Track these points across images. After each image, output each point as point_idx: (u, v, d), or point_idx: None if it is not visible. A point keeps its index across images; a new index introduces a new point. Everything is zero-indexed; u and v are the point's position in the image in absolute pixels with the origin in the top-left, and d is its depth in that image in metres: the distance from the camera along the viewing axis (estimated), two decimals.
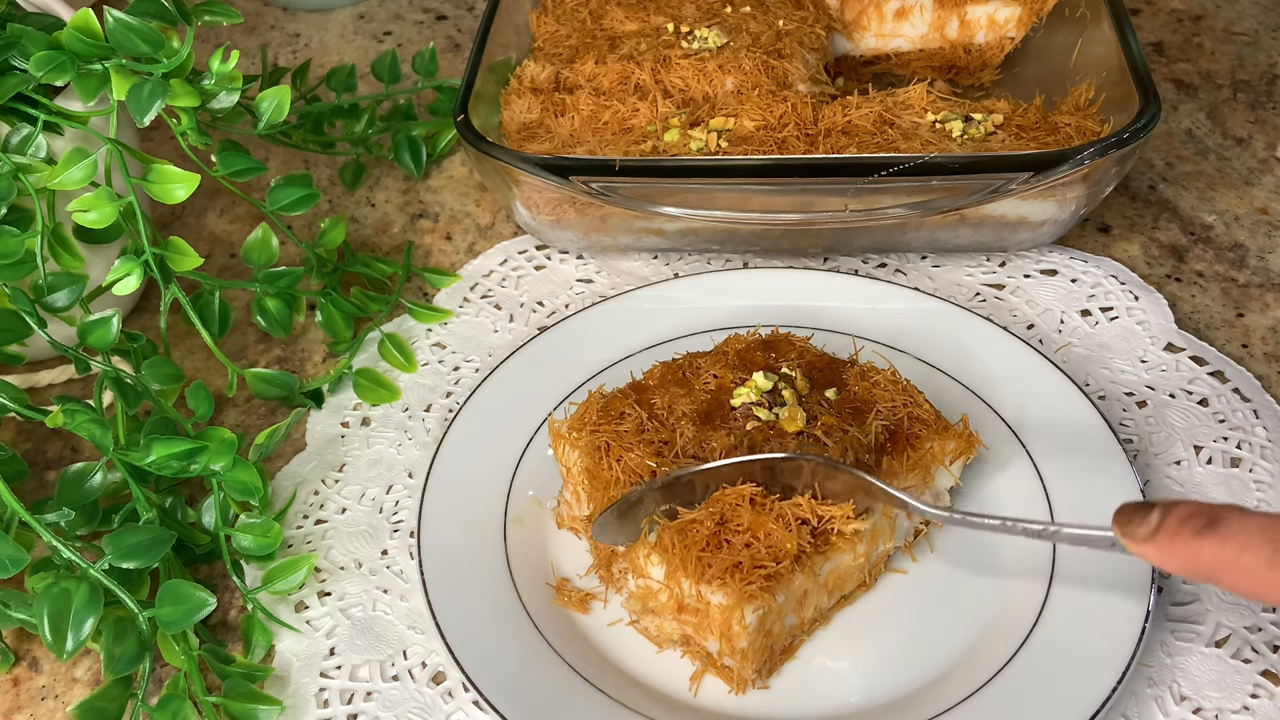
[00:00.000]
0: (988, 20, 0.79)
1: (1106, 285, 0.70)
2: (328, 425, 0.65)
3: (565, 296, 0.72)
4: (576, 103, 0.72)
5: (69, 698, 0.55)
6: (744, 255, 0.73)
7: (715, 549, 0.49)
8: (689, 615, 0.50)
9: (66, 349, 0.57)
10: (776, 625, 0.51)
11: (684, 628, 0.51)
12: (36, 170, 0.57)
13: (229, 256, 0.77)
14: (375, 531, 0.60)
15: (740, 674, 0.51)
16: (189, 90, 0.59)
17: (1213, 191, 0.76)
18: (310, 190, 0.65)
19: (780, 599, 0.50)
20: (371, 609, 0.57)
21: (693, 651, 0.52)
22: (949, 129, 0.68)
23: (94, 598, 0.50)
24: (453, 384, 0.67)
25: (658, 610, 0.52)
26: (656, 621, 0.53)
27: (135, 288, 0.59)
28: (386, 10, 0.98)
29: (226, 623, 0.57)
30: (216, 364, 0.69)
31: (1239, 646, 0.53)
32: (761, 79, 0.71)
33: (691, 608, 0.50)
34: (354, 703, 0.53)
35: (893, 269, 0.72)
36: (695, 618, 0.50)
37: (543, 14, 0.80)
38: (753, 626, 0.49)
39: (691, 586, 0.49)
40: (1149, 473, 0.60)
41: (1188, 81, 0.85)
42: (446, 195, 0.80)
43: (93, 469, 0.55)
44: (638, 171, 0.65)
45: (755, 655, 0.50)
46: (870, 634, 0.54)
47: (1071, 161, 0.62)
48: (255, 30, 0.97)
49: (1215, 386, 0.64)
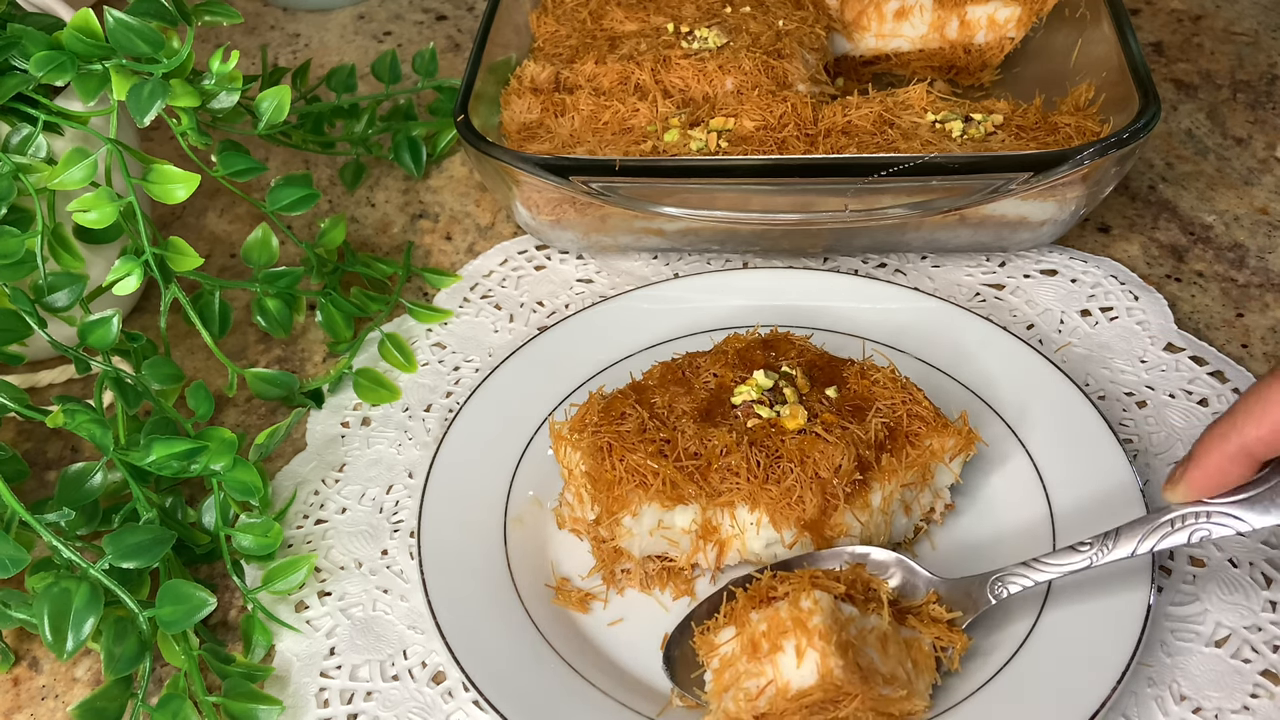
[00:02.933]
0: (988, 20, 0.79)
1: (1106, 285, 0.70)
2: (328, 425, 0.65)
3: (565, 296, 0.72)
4: (576, 103, 0.72)
5: (69, 697, 0.55)
6: (744, 255, 0.73)
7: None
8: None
9: (67, 349, 0.57)
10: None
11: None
12: (37, 170, 0.57)
13: (229, 256, 0.77)
14: (375, 531, 0.60)
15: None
16: (189, 90, 0.59)
17: (1212, 191, 0.76)
18: (310, 190, 0.65)
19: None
20: (372, 609, 0.57)
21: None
22: (949, 129, 0.68)
23: (94, 598, 0.50)
24: (453, 384, 0.67)
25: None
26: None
27: (135, 288, 0.59)
28: (386, 10, 0.98)
29: (227, 623, 0.57)
30: (217, 364, 0.69)
31: (1239, 646, 0.53)
32: (761, 79, 0.71)
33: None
34: (354, 702, 0.53)
35: (893, 269, 0.72)
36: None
37: (543, 14, 0.80)
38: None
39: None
40: (1149, 473, 0.60)
41: (1187, 81, 0.85)
42: (446, 195, 0.80)
43: (93, 469, 0.55)
44: (638, 171, 0.65)
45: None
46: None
47: (1071, 162, 0.62)
48: (255, 30, 0.97)
49: (1215, 386, 0.64)
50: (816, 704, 0.47)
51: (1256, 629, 0.53)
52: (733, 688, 0.48)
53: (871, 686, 0.47)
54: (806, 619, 0.47)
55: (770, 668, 0.48)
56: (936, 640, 0.51)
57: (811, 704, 0.47)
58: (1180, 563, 0.56)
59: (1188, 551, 0.56)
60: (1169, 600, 0.54)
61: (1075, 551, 0.51)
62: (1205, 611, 0.54)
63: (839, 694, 0.47)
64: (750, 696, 0.47)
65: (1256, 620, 0.53)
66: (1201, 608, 0.54)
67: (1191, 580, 0.55)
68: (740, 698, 0.48)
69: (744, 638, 0.49)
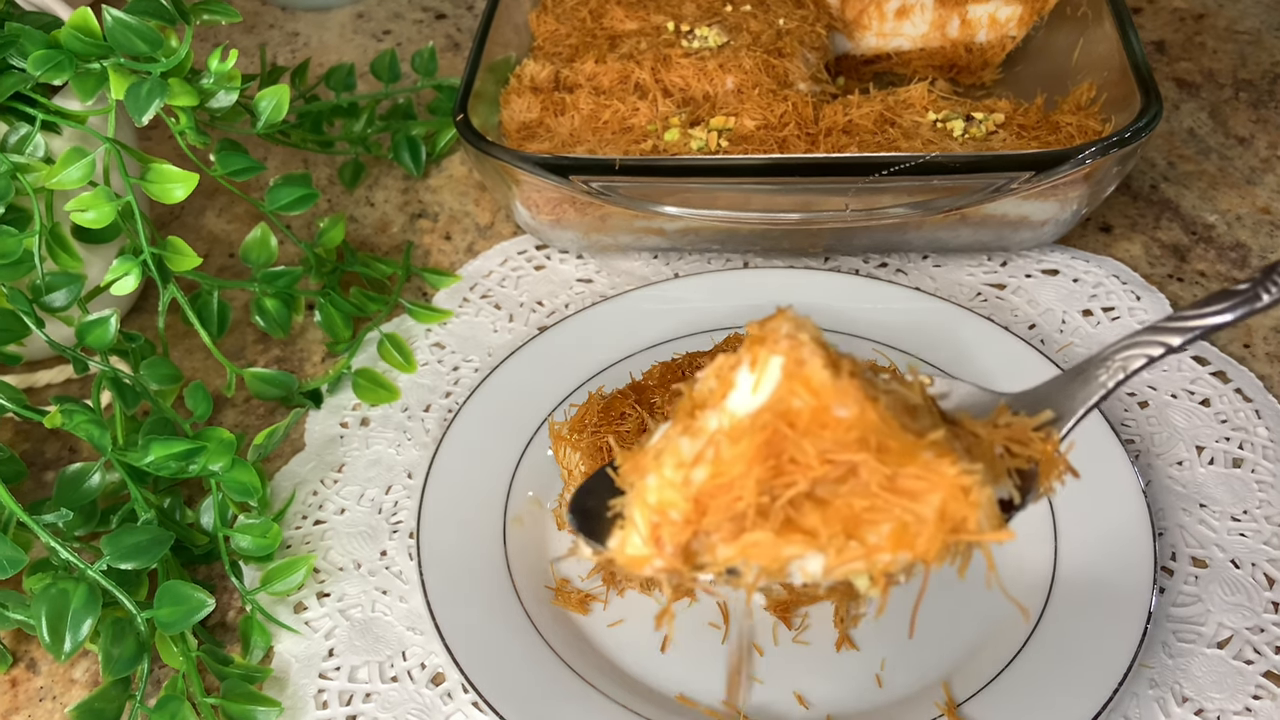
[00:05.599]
0: (989, 19, 0.79)
1: (1108, 285, 0.70)
2: (327, 425, 0.65)
3: (565, 296, 0.72)
4: (576, 102, 0.71)
5: (67, 699, 0.55)
6: (744, 255, 0.73)
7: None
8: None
9: (65, 349, 0.57)
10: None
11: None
12: (34, 170, 0.57)
13: (228, 256, 0.77)
14: (374, 532, 0.60)
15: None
16: (187, 89, 0.59)
17: (1215, 191, 0.76)
18: (309, 190, 0.65)
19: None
20: (370, 610, 0.57)
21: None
22: (950, 128, 0.68)
23: (92, 598, 0.50)
24: (452, 384, 0.67)
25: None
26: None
27: (134, 288, 0.59)
28: (385, 9, 0.98)
29: (225, 624, 0.57)
30: (215, 364, 0.69)
31: (1241, 648, 0.52)
32: (762, 78, 0.71)
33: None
34: (353, 704, 0.53)
35: (894, 269, 0.72)
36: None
37: (542, 13, 0.80)
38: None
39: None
40: (1151, 473, 0.60)
41: (1190, 81, 0.85)
42: (446, 195, 0.80)
43: (91, 469, 0.55)
44: (638, 171, 0.64)
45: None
46: (871, 636, 0.54)
47: (1073, 161, 0.62)
48: (254, 29, 0.97)
49: (1217, 387, 0.63)
50: (788, 448, 0.31)
51: (1259, 630, 0.53)
52: (658, 463, 0.34)
53: (892, 424, 0.32)
54: (773, 335, 0.34)
55: (715, 416, 0.33)
56: (1011, 447, 0.36)
57: (775, 444, 0.31)
58: (1182, 563, 0.56)
59: (1190, 553, 0.56)
60: (1171, 601, 0.54)
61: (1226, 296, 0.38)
62: (1207, 612, 0.54)
63: (830, 420, 0.31)
64: (683, 462, 0.33)
65: (1259, 621, 0.53)
66: (1204, 608, 0.54)
67: (1194, 581, 0.55)
68: (669, 468, 0.33)
69: (682, 413, 0.35)
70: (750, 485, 0.32)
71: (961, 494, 0.32)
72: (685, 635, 0.54)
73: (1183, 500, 0.58)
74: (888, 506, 0.32)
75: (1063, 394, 0.39)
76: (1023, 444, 0.36)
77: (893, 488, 0.32)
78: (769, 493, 0.32)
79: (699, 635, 0.54)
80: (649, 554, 0.34)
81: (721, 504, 0.33)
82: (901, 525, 0.32)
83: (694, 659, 0.53)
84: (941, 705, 0.50)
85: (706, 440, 0.33)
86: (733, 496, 0.32)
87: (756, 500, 0.32)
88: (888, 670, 0.52)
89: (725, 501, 0.33)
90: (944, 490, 0.32)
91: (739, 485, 0.32)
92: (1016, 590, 0.54)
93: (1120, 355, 0.39)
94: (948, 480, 0.32)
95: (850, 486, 0.32)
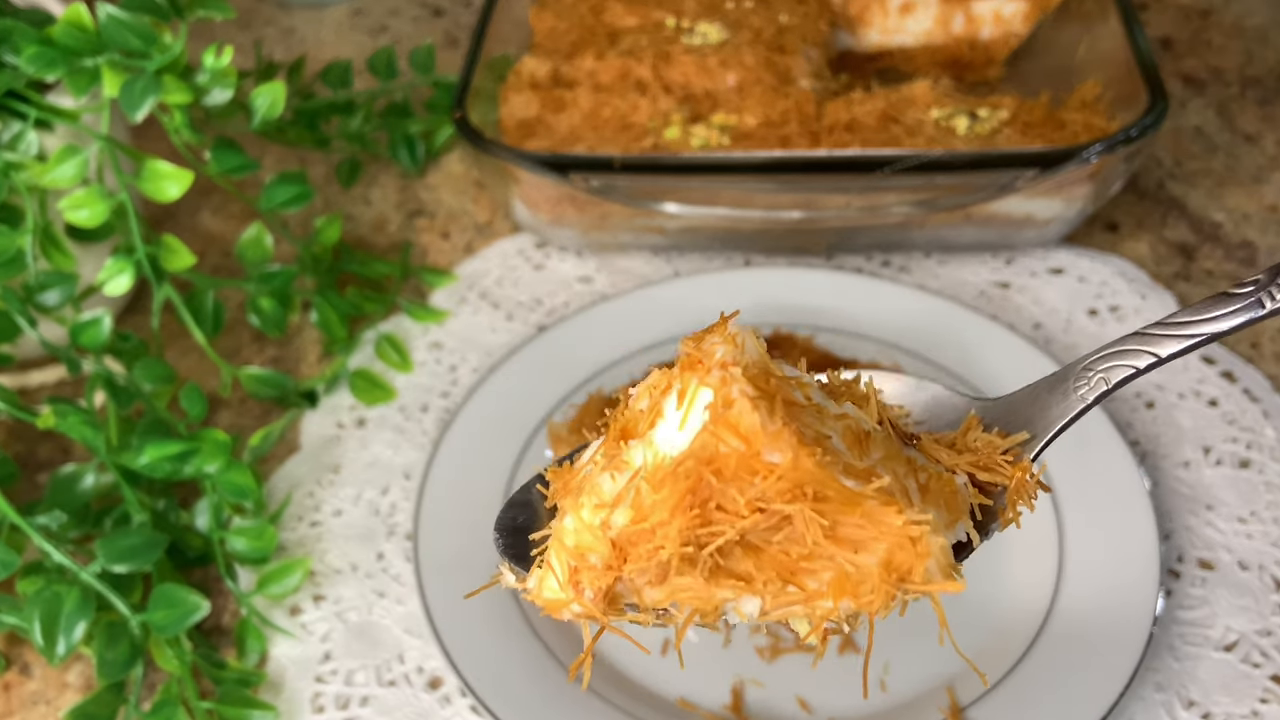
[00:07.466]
0: (993, 16, 0.79)
1: (1114, 284, 0.69)
2: (323, 426, 0.65)
3: (564, 296, 0.71)
4: (576, 99, 0.71)
5: (61, 703, 0.54)
6: (746, 253, 0.72)
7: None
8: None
9: (57, 349, 0.57)
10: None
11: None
12: (27, 167, 0.57)
13: (222, 255, 0.76)
14: (371, 534, 0.59)
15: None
16: (182, 86, 0.58)
17: (1222, 189, 0.75)
18: (305, 188, 0.64)
19: None
20: (367, 613, 0.56)
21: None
22: (954, 125, 0.67)
23: (86, 602, 0.50)
24: (450, 384, 0.67)
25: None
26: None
27: (127, 287, 0.59)
28: (382, 5, 0.98)
29: (220, 627, 0.57)
30: (210, 364, 0.68)
31: (1248, 651, 0.52)
32: (764, 74, 0.71)
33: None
34: (350, 708, 0.53)
35: (897, 267, 0.71)
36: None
37: (541, 9, 0.79)
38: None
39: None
40: (1157, 474, 0.59)
41: (1196, 77, 0.84)
42: (444, 193, 0.79)
43: (84, 471, 0.55)
44: (638, 168, 0.64)
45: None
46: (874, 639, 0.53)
47: (1078, 158, 0.61)
48: (249, 25, 0.96)
49: (1224, 387, 0.63)
50: (715, 495, 0.29)
51: (1267, 633, 0.52)
52: (577, 503, 0.32)
53: (830, 473, 0.29)
54: (705, 359, 0.31)
55: (640, 450, 0.31)
56: (976, 472, 0.33)
57: (700, 491, 0.29)
58: (1189, 566, 0.55)
59: (1196, 555, 0.55)
60: (1177, 605, 0.54)
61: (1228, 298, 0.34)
62: (1214, 615, 0.53)
63: (760, 467, 0.30)
64: (604, 503, 0.31)
65: (1267, 624, 0.53)
66: (1210, 612, 0.53)
67: (1200, 584, 0.54)
68: (588, 510, 0.31)
69: (611, 436, 0.33)
70: (673, 534, 0.31)
71: (909, 544, 0.30)
72: (686, 639, 0.53)
73: (1189, 502, 0.58)
74: (828, 555, 0.31)
75: (1036, 406, 0.36)
76: (989, 470, 0.34)
77: (834, 536, 0.31)
78: (694, 542, 0.31)
79: (700, 639, 0.53)
80: (568, 598, 0.33)
81: (643, 551, 0.31)
82: (843, 574, 0.31)
83: (695, 663, 0.53)
84: (945, 710, 0.49)
85: (628, 481, 0.31)
86: (654, 545, 0.31)
87: (680, 550, 0.31)
88: (891, 674, 0.52)
89: (647, 550, 0.31)
90: (889, 540, 0.30)
91: (660, 534, 0.31)
92: (1021, 594, 0.53)
93: (1103, 366, 0.35)
94: (893, 531, 0.30)
95: (786, 534, 0.30)
